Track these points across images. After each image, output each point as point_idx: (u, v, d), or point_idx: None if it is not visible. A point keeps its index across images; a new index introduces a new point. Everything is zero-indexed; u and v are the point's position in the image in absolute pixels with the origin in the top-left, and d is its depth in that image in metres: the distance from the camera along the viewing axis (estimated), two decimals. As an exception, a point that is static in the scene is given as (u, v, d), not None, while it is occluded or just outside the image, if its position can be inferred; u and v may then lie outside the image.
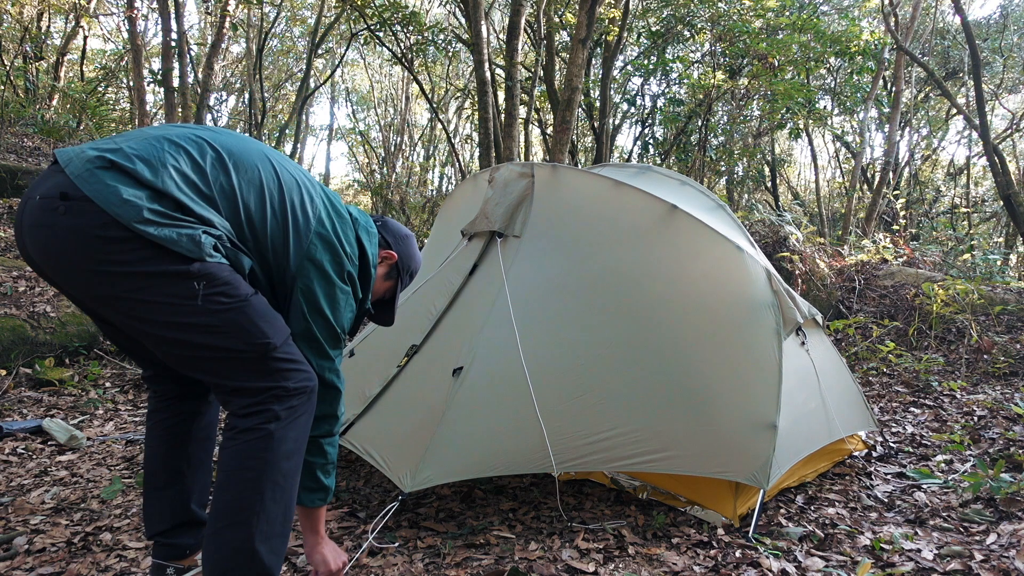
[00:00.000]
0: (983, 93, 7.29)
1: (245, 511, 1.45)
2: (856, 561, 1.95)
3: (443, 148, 17.58)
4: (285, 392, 1.51)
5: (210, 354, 1.47)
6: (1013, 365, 4.45)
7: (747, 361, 2.30)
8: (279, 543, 1.51)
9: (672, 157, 11.74)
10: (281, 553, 1.52)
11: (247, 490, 1.46)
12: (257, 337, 1.47)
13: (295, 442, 1.53)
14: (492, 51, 10.24)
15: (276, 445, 1.48)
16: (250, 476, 1.46)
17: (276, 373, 1.50)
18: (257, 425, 1.48)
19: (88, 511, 2.35)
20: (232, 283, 1.45)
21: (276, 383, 1.50)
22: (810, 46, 9.32)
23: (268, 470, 1.47)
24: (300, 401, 1.54)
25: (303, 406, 1.54)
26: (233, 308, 1.45)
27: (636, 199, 2.48)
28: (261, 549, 1.46)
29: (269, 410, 1.49)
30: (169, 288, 1.39)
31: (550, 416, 2.16)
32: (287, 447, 1.50)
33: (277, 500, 1.49)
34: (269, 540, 1.48)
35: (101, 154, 1.38)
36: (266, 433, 1.47)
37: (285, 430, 1.50)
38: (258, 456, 1.47)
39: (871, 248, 6.91)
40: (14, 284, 4.47)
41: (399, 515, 2.26)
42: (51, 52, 11.98)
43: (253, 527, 1.45)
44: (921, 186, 14.38)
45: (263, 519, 1.46)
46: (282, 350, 1.52)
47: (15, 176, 7.07)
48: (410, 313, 2.71)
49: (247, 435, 1.48)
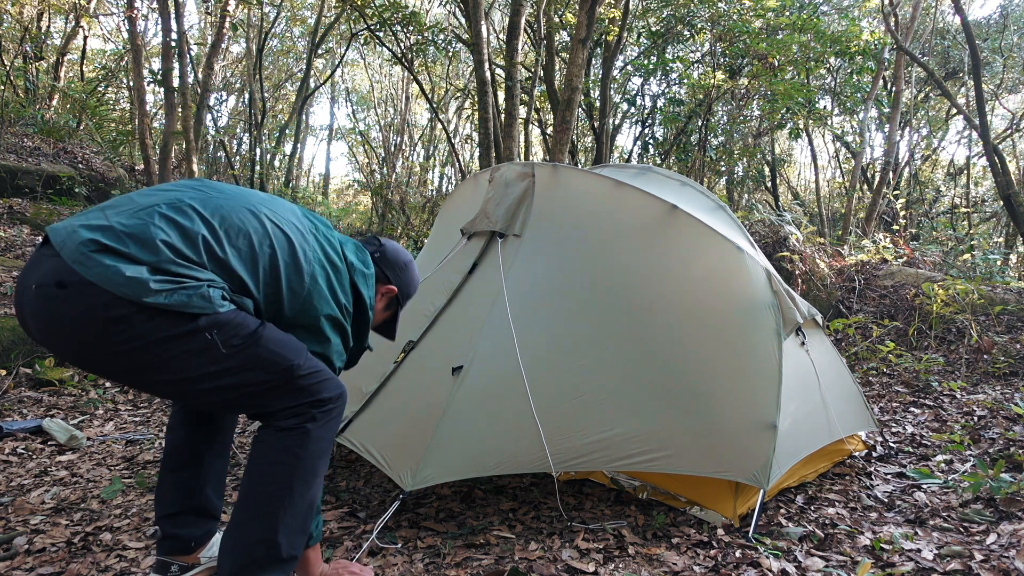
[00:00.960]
0: (983, 93, 7.29)
1: (274, 504, 1.51)
2: (856, 561, 1.95)
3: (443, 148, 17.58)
4: (321, 401, 1.59)
5: (242, 392, 1.52)
6: (1013, 365, 4.45)
7: (747, 361, 2.30)
8: (299, 539, 1.57)
9: (672, 157, 11.74)
10: (299, 548, 1.57)
11: (279, 483, 1.52)
12: (280, 364, 1.53)
13: (327, 442, 1.60)
14: (492, 51, 10.24)
15: (311, 443, 1.55)
16: (284, 470, 1.53)
17: (307, 389, 1.57)
18: (295, 425, 1.55)
19: (88, 511, 2.35)
20: (240, 323, 1.49)
21: (311, 396, 1.58)
22: (810, 46, 9.33)
23: (301, 466, 1.53)
24: (334, 404, 1.62)
25: (336, 409, 1.63)
26: (249, 344, 1.49)
27: (637, 199, 2.49)
28: (282, 542, 1.52)
29: (307, 412, 1.57)
30: (185, 347, 1.42)
31: (550, 415, 2.16)
32: (321, 446, 1.58)
33: (304, 496, 1.55)
34: (291, 535, 1.54)
35: (93, 236, 1.38)
36: (304, 431, 1.55)
37: (321, 430, 1.58)
38: (294, 451, 1.53)
39: (871, 248, 6.91)
40: (14, 284, 4.47)
41: (399, 515, 2.26)
42: (51, 52, 11.97)
43: (279, 519, 1.51)
44: (921, 186, 14.38)
45: (290, 513, 1.52)
46: (305, 367, 1.57)
47: (15, 176, 7.07)
48: (407, 311, 2.70)
49: (286, 432, 1.55)
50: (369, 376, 2.56)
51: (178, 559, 1.76)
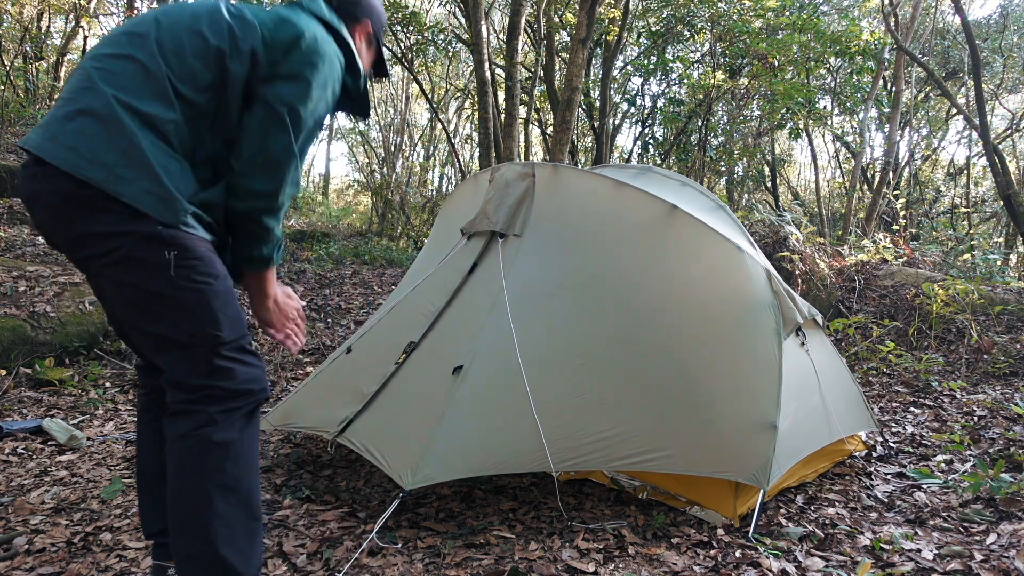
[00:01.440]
0: (983, 93, 7.29)
1: (197, 520, 1.40)
2: (856, 561, 1.95)
3: (443, 148, 17.57)
4: (223, 392, 1.44)
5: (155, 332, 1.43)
6: (1013, 365, 4.45)
7: (747, 361, 2.30)
8: (246, 542, 1.46)
9: (672, 157, 11.75)
10: (252, 549, 1.47)
11: (195, 500, 1.41)
12: (207, 326, 1.42)
13: (239, 443, 1.45)
14: (492, 51, 10.24)
15: (215, 450, 1.41)
16: (194, 486, 1.40)
17: (216, 372, 1.44)
18: (190, 432, 1.41)
19: (88, 511, 2.35)
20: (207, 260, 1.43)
21: (214, 382, 1.43)
22: (810, 46, 9.33)
23: (213, 477, 1.41)
24: (240, 403, 1.46)
25: (245, 407, 1.47)
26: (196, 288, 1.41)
27: (637, 199, 2.49)
28: (226, 553, 1.41)
29: (202, 412, 1.42)
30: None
31: (550, 415, 2.16)
32: (232, 450, 1.43)
33: (232, 503, 1.43)
34: (234, 543, 1.43)
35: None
36: (201, 439, 1.41)
37: (224, 432, 1.42)
38: (197, 464, 1.41)
39: (871, 248, 6.91)
40: (14, 284, 4.47)
41: (399, 515, 2.26)
42: (51, 52, 11.97)
43: (212, 534, 1.40)
44: (921, 186, 14.39)
45: (220, 524, 1.41)
46: (230, 347, 1.45)
47: (15, 176, 7.06)
48: (408, 311, 2.71)
49: (183, 443, 1.42)
50: (370, 377, 2.56)
51: (174, 564, 1.69)
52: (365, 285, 7.23)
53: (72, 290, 4.57)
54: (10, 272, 4.64)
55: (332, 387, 2.68)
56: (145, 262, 1.38)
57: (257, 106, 1.47)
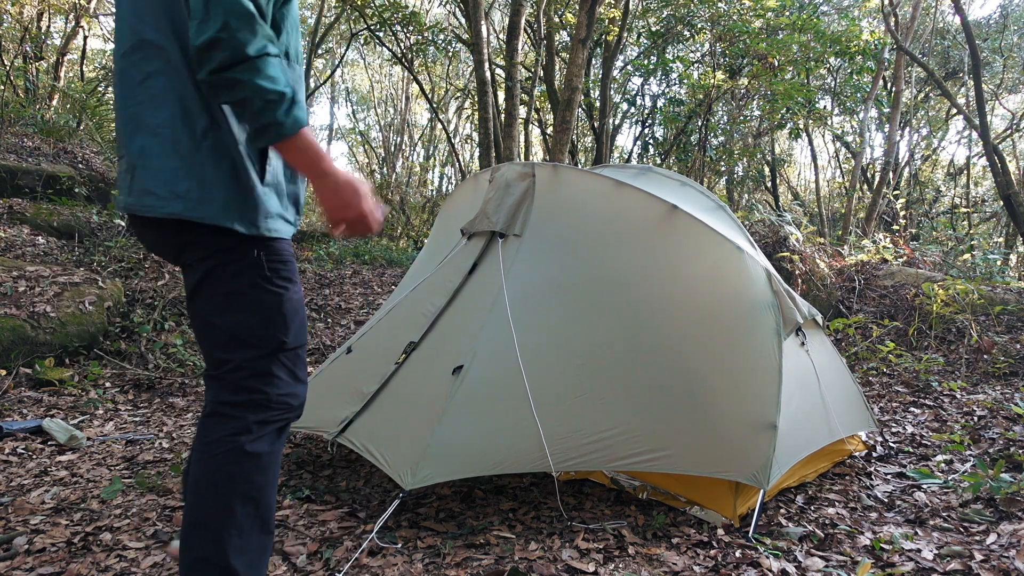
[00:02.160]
0: (983, 93, 7.29)
1: (215, 526, 1.40)
2: (856, 561, 1.95)
3: (443, 148, 17.58)
4: (265, 400, 1.45)
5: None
6: (1013, 365, 4.45)
7: (747, 361, 2.30)
8: (256, 555, 1.46)
9: (672, 157, 11.75)
10: (260, 563, 1.47)
11: (216, 505, 1.40)
12: (276, 330, 1.45)
13: (269, 456, 1.46)
14: (492, 51, 10.24)
15: (247, 460, 1.42)
16: (218, 492, 1.41)
17: (267, 377, 1.45)
18: (224, 438, 1.42)
19: (88, 511, 2.35)
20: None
21: (262, 387, 1.45)
22: (810, 46, 9.34)
23: (238, 486, 1.41)
24: (276, 415, 1.47)
25: (279, 421, 1.48)
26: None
27: (637, 199, 2.49)
28: (236, 563, 1.41)
29: (241, 419, 1.43)
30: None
31: (550, 415, 2.16)
32: (261, 461, 1.44)
33: (251, 514, 1.43)
34: (245, 554, 1.42)
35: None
36: (235, 446, 1.41)
37: (256, 443, 1.43)
38: (226, 471, 1.41)
39: (871, 248, 6.91)
40: (14, 284, 4.47)
41: (399, 515, 2.26)
42: (51, 52, 11.97)
43: (226, 542, 1.40)
44: (921, 186, 14.39)
45: (235, 534, 1.41)
46: (290, 354, 1.48)
47: (15, 176, 7.07)
48: (408, 311, 2.71)
49: (215, 448, 1.42)
50: (370, 377, 2.56)
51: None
52: (365, 285, 7.23)
53: (72, 290, 4.57)
54: (10, 272, 4.64)
55: (332, 387, 2.68)
56: (234, 264, 1.42)
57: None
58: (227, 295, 1.43)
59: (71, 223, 6.51)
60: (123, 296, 4.99)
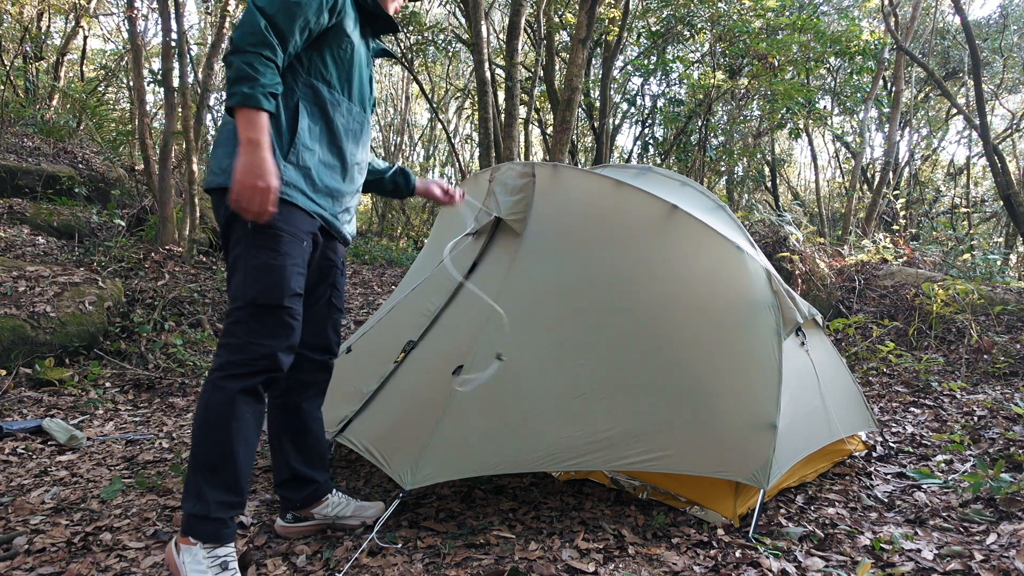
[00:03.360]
0: (983, 93, 7.30)
1: (191, 454, 1.76)
2: (856, 561, 1.95)
3: (443, 148, 17.57)
4: (237, 345, 1.76)
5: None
6: (1013, 365, 4.45)
7: (747, 361, 2.30)
8: (193, 499, 1.72)
9: (672, 157, 11.75)
10: (201, 494, 1.72)
11: (193, 433, 1.77)
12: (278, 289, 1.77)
13: (228, 400, 1.72)
14: (492, 51, 10.24)
15: (210, 392, 1.75)
16: (196, 420, 1.77)
17: (237, 325, 1.76)
18: (211, 371, 1.79)
19: (88, 511, 2.35)
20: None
21: (234, 333, 1.76)
22: (810, 46, 9.33)
23: (202, 416, 1.75)
24: (244, 360, 1.74)
25: (246, 366, 1.74)
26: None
27: (637, 199, 2.48)
28: (195, 477, 1.73)
29: (219, 357, 1.77)
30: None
31: (550, 415, 2.16)
32: (218, 397, 1.73)
33: (201, 447, 1.74)
34: (196, 472, 1.74)
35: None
36: (210, 379, 1.76)
37: (221, 380, 1.75)
38: (202, 399, 1.77)
39: (871, 248, 6.91)
40: (14, 284, 4.47)
41: (399, 515, 2.26)
42: (51, 52, 11.96)
43: (191, 470, 1.74)
44: (921, 186, 14.39)
45: (192, 465, 1.75)
46: (260, 310, 1.76)
47: (15, 176, 7.07)
48: (407, 310, 2.71)
49: (207, 379, 1.79)
50: (369, 376, 2.56)
51: (293, 512, 2.13)
52: (365, 285, 7.23)
53: (72, 290, 4.57)
54: (10, 272, 4.64)
55: (332, 386, 2.67)
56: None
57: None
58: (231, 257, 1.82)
59: (71, 223, 6.51)
60: (123, 296, 4.99)
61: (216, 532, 1.72)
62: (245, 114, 1.64)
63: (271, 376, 1.79)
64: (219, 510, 1.72)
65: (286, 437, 2.09)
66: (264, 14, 1.66)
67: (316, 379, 2.12)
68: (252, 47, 1.64)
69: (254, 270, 1.75)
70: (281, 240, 1.76)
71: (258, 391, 1.78)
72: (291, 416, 2.09)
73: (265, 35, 1.65)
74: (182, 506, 1.76)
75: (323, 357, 2.12)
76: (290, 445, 2.09)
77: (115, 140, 10.83)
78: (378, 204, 13.27)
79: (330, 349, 2.13)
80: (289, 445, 2.09)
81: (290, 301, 1.79)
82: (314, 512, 2.13)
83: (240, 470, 1.76)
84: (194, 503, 1.72)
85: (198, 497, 1.72)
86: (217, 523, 1.72)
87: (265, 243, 1.75)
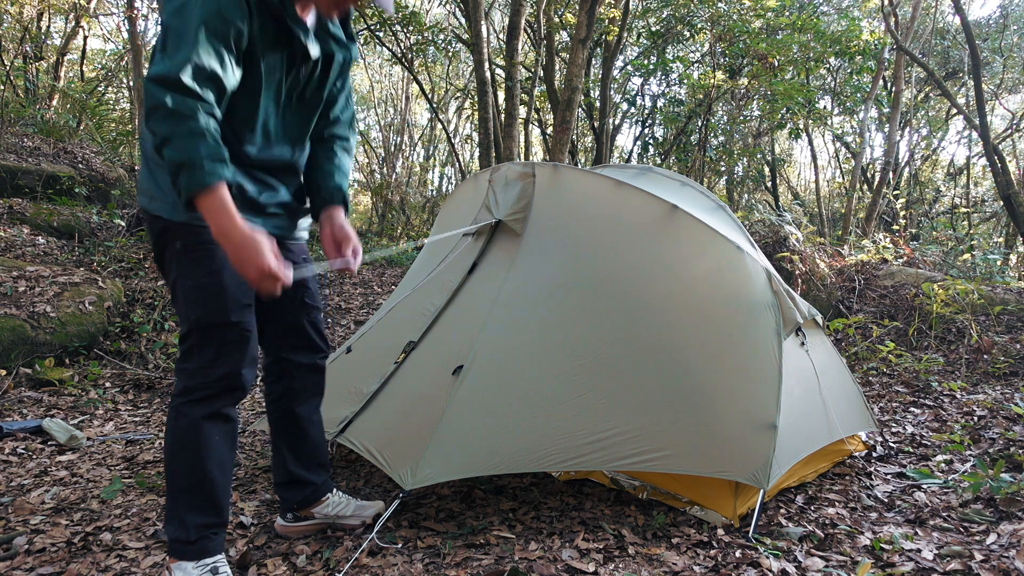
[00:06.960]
0: (983, 93, 7.30)
1: (165, 463, 1.78)
2: (856, 561, 1.95)
3: (443, 148, 17.58)
4: (185, 372, 1.74)
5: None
6: (1013, 365, 4.45)
7: (747, 361, 2.30)
8: (174, 525, 1.73)
9: (672, 157, 11.76)
10: (182, 519, 1.72)
11: (165, 456, 1.78)
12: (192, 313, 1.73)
13: (190, 427, 1.71)
14: (492, 51, 10.24)
15: (172, 419, 1.74)
16: (166, 446, 1.77)
17: (195, 351, 1.73)
18: (173, 397, 1.77)
19: (88, 511, 2.35)
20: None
21: (186, 358, 1.74)
22: (810, 46, 9.34)
23: (169, 444, 1.75)
24: (196, 384, 1.71)
25: (199, 391, 1.71)
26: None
27: (637, 199, 2.48)
28: (173, 503, 1.75)
29: (177, 384, 1.75)
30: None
31: (550, 415, 2.16)
32: (180, 424, 1.72)
33: (173, 469, 1.75)
34: (174, 497, 1.75)
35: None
36: (173, 406, 1.75)
37: (183, 406, 1.73)
38: (168, 426, 1.76)
39: (871, 248, 6.91)
40: (14, 284, 4.47)
41: (399, 515, 2.26)
42: (51, 52, 11.96)
43: (169, 482, 1.75)
44: (921, 186, 14.39)
45: (168, 491, 1.76)
46: (205, 332, 1.71)
47: (15, 176, 7.06)
48: (408, 311, 2.71)
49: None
50: (369, 377, 2.56)
51: (293, 512, 2.13)
52: (365, 285, 7.23)
53: (72, 290, 4.57)
54: (10, 272, 4.64)
55: (332, 387, 2.67)
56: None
57: None
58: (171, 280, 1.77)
59: (71, 223, 6.50)
60: (123, 296, 4.99)
61: (201, 550, 1.72)
62: (201, 203, 1.45)
63: (233, 395, 1.75)
64: (200, 531, 1.72)
65: (283, 442, 2.09)
66: (164, 81, 1.42)
67: (308, 383, 2.07)
68: (158, 123, 1.43)
69: (192, 291, 1.67)
70: (213, 255, 1.63)
71: (222, 413, 1.74)
72: (288, 422, 2.07)
73: (177, 103, 1.43)
74: (165, 529, 1.77)
75: (311, 359, 2.05)
76: (287, 450, 2.09)
77: (115, 140, 10.83)
78: (378, 204, 13.27)
79: (316, 348, 2.05)
80: (286, 450, 2.09)
81: (237, 316, 1.70)
82: (314, 512, 2.13)
83: (217, 489, 1.74)
84: (175, 528, 1.72)
85: (179, 522, 1.72)
86: (201, 542, 1.73)
87: (198, 261, 1.66)
